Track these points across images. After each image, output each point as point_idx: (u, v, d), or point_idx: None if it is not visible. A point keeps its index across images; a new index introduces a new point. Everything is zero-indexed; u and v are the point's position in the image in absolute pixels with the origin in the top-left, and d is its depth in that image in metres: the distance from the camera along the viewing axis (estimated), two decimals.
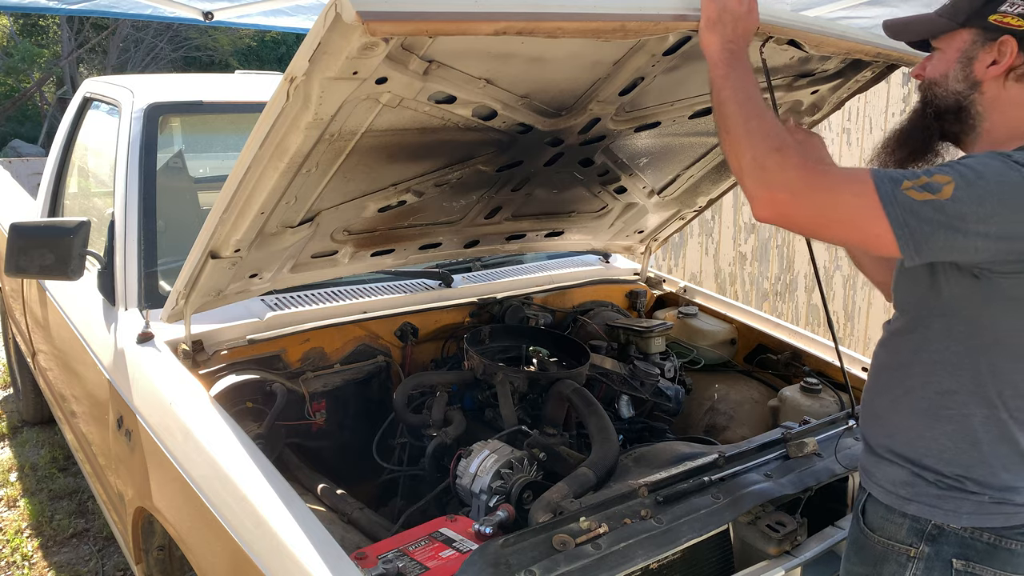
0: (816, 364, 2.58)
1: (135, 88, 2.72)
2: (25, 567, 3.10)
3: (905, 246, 1.19)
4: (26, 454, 4.00)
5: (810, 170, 1.26)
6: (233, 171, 1.57)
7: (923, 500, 1.37)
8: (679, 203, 2.63)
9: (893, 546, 1.40)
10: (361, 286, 2.51)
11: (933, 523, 1.36)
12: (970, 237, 1.18)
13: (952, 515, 1.34)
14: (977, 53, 1.34)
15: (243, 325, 2.18)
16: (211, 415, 1.78)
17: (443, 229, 2.28)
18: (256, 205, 1.64)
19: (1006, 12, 1.30)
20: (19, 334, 3.75)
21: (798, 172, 1.25)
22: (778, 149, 1.27)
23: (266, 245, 1.86)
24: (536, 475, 1.83)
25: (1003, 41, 1.31)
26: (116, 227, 2.37)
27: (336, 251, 2.13)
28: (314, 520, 1.47)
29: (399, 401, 2.14)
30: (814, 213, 1.26)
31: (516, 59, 1.52)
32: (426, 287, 2.58)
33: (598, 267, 3.13)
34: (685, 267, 6.26)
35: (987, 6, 1.33)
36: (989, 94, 1.34)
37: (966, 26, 1.35)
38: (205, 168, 3.43)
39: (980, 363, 1.31)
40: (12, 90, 15.04)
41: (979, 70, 1.34)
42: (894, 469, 1.41)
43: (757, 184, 1.28)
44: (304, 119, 1.40)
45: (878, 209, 1.19)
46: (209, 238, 1.73)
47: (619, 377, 2.40)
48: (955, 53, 1.37)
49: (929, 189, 1.18)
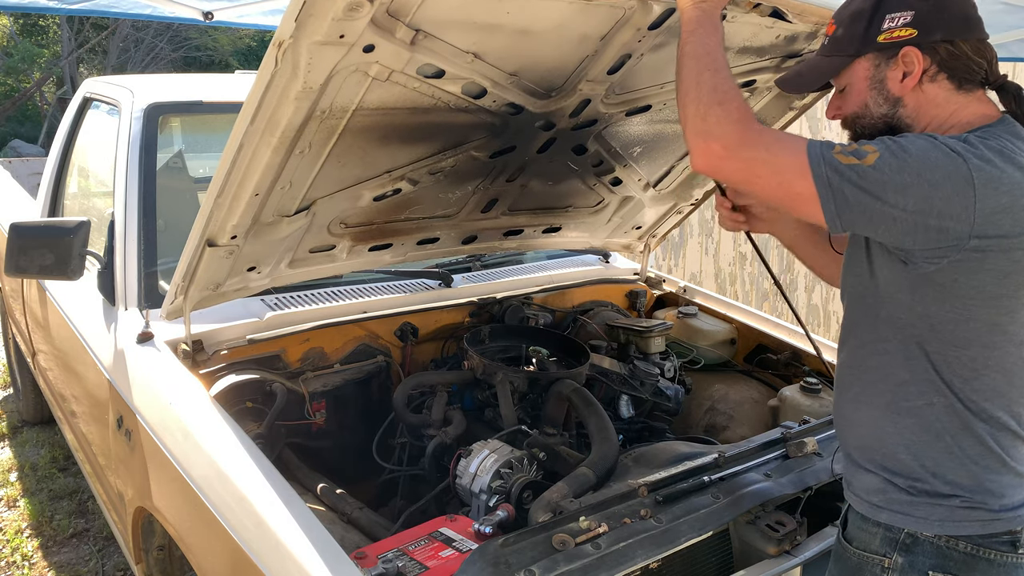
0: (816, 364, 2.58)
1: (135, 88, 2.72)
2: (25, 567, 3.10)
3: (827, 207, 1.23)
4: (26, 454, 4.00)
5: (747, 126, 1.29)
6: (225, 151, 1.57)
7: (894, 507, 1.34)
8: (675, 196, 2.63)
9: (868, 557, 1.37)
10: (361, 286, 2.51)
11: (906, 531, 1.33)
12: (887, 206, 1.20)
13: (923, 522, 1.31)
14: (885, 73, 1.35)
15: (243, 325, 2.18)
16: (211, 415, 1.78)
17: (440, 223, 2.29)
18: (250, 186, 1.64)
19: (891, 28, 1.32)
20: (19, 334, 3.75)
21: (735, 127, 1.29)
22: (721, 103, 1.31)
23: (263, 235, 1.86)
24: (536, 475, 1.83)
25: (905, 53, 1.32)
26: (116, 227, 2.37)
27: (334, 245, 2.13)
28: (314, 520, 1.47)
29: (399, 401, 2.14)
30: (744, 167, 1.31)
31: (503, 32, 1.53)
32: (426, 287, 2.58)
33: (598, 267, 3.13)
34: (685, 267, 6.26)
35: (870, 30, 1.35)
36: (911, 104, 1.35)
37: (861, 54, 1.37)
38: (205, 168, 3.43)
39: (926, 351, 1.30)
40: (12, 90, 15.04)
41: (894, 87, 1.35)
42: (868, 477, 1.39)
43: (695, 134, 1.33)
44: (294, 88, 1.41)
45: (805, 167, 1.23)
46: (205, 224, 1.73)
47: (619, 377, 2.40)
48: (864, 82, 1.38)
49: (856, 155, 1.22)
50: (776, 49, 1.94)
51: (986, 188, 1.18)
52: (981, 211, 1.18)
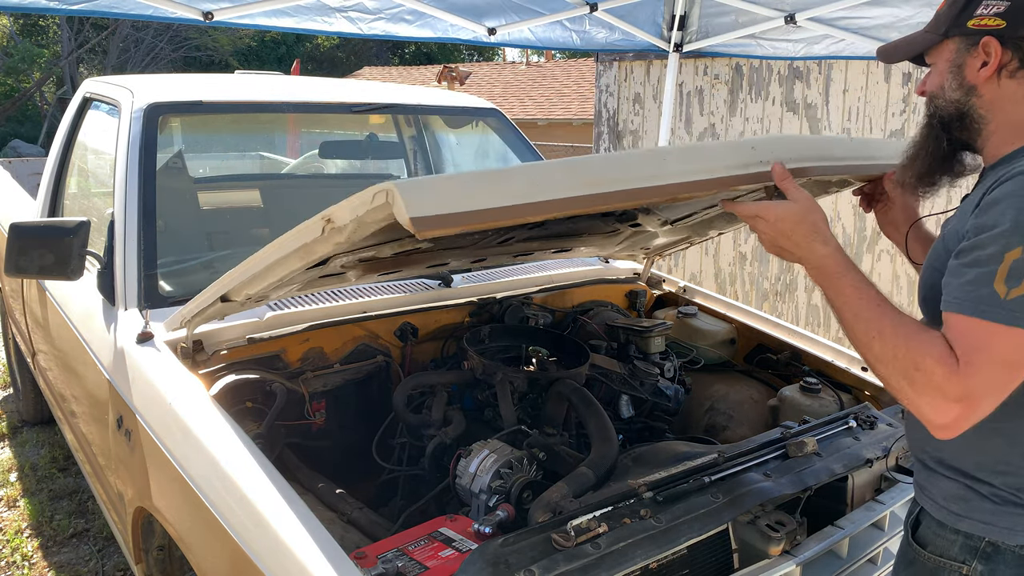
0: (816, 364, 2.58)
1: (135, 88, 2.72)
2: (25, 567, 3.10)
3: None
4: (26, 454, 4.01)
5: (950, 367, 1.15)
6: (255, 258, 1.60)
7: (976, 516, 1.31)
8: (690, 231, 2.63)
9: (945, 563, 1.34)
10: (361, 286, 2.51)
11: (987, 540, 1.29)
12: None
13: (1008, 532, 1.28)
14: (965, 59, 1.34)
15: (243, 325, 2.18)
16: (211, 415, 1.78)
17: (452, 254, 2.29)
18: (274, 278, 1.67)
19: (982, 15, 1.31)
20: (19, 334, 3.75)
21: (945, 379, 1.14)
22: (914, 370, 1.17)
23: (277, 290, 1.89)
24: (535, 475, 1.83)
25: (985, 43, 1.31)
26: (116, 227, 2.37)
27: (344, 274, 2.15)
28: (314, 520, 1.47)
29: (399, 401, 2.14)
30: (992, 389, 1.14)
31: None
32: (426, 287, 2.58)
33: (598, 267, 3.13)
34: (685, 267, 6.26)
35: (963, 13, 1.33)
36: (987, 96, 1.34)
37: (949, 36, 1.36)
38: (205, 168, 3.43)
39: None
40: (12, 90, 15.05)
41: (971, 75, 1.34)
42: (946, 483, 1.35)
43: (920, 411, 1.19)
44: (334, 240, 1.42)
45: (1011, 332, 1.12)
46: (223, 288, 1.75)
47: (619, 377, 2.40)
48: (945, 64, 1.37)
49: (1012, 279, 1.13)
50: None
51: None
52: None
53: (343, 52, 29.80)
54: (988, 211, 1.20)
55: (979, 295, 1.15)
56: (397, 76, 21.77)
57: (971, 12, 1.32)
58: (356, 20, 3.66)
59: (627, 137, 6.69)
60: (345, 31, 3.69)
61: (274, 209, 3.17)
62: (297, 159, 4.05)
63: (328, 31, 3.65)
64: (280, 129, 4.08)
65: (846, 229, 5.49)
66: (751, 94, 5.89)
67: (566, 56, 22.73)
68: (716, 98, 6.10)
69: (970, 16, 1.32)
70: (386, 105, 3.27)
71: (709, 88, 6.14)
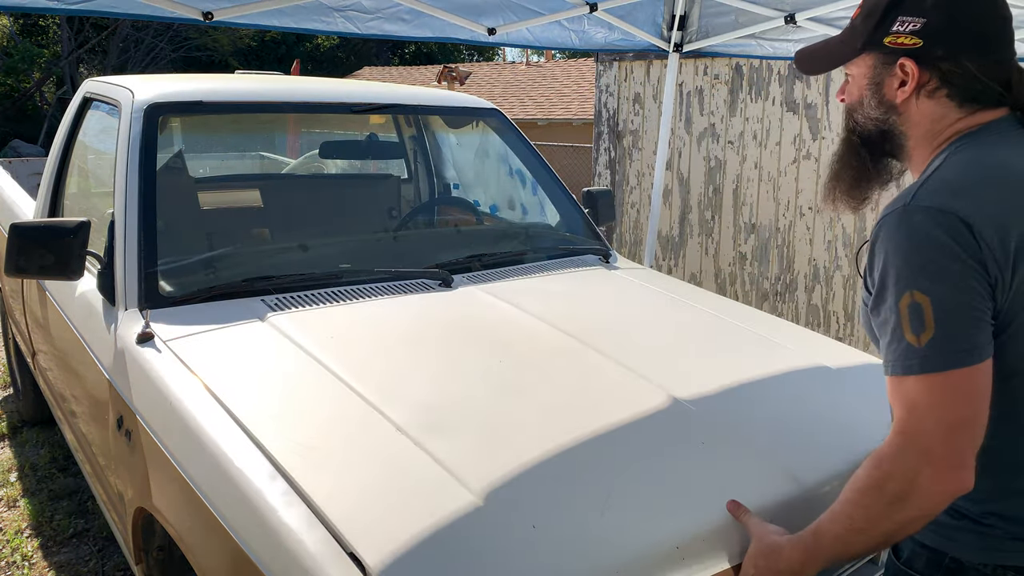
0: None
1: (135, 88, 2.72)
2: (25, 567, 3.10)
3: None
4: (26, 454, 4.01)
5: (893, 454, 1.16)
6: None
7: (939, 531, 1.27)
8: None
9: (912, 575, 1.32)
10: (361, 286, 2.51)
11: (951, 556, 1.25)
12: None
13: (968, 549, 1.24)
14: (884, 77, 1.29)
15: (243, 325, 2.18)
16: (211, 415, 1.78)
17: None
18: None
19: (899, 32, 1.26)
20: (19, 334, 3.75)
21: (902, 458, 1.15)
22: (895, 497, 1.16)
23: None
24: None
25: (901, 64, 1.26)
26: (116, 227, 2.37)
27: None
28: (314, 520, 1.46)
29: None
30: (952, 424, 1.13)
31: None
32: (426, 287, 2.58)
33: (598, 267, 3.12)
34: (685, 267, 6.26)
35: (878, 29, 1.28)
36: (907, 113, 1.29)
37: (866, 51, 1.31)
38: (205, 168, 3.43)
39: (1005, 388, 1.18)
40: (12, 90, 15.06)
41: (890, 93, 1.29)
42: None
43: (942, 495, 1.15)
44: None
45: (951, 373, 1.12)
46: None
47: None
48: (864, 79, 1.33)
49: (915, 324, 1.13)
50: None
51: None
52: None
53: (343, 52, 29.82)
54: (873, 261, 1.21)
55: (899, 351, 1.15)
56: (397, 76, 21.79)
57: (887, 29, 1.27)
58: (355, 20, 3.66)
59: (627, 137, 6.69)
60: (344, 31, 3.69)
61: (274, 209, 3.18)
62: (297, 159, 4.05)
63: (327, 31, 3.65)
64: (280, 129, 4.09)
65: (846, 229, 5.50)
66: (751, 94, 5.90)
67: (566, 56, 22.76)
68: (716, 98, 6.11)
69: (886, 33, 1.27)
70: (386, 105, 3.27)
71: (709, 88, 6.14)
